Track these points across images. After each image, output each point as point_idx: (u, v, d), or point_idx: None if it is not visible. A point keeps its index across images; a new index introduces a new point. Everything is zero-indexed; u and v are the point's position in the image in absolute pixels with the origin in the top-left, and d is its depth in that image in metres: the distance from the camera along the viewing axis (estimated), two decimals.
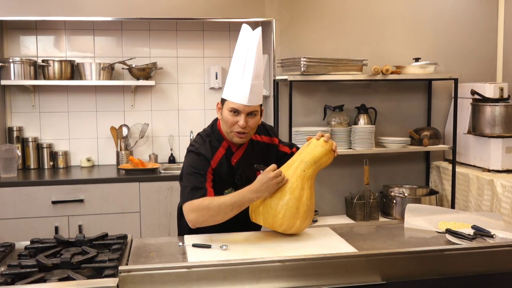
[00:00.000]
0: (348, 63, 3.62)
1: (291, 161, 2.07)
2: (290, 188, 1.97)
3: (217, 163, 2.13)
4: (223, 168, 2.15)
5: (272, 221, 1.97)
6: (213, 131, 2.21)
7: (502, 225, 2.24)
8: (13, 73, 3.65)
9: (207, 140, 2.16)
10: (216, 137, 2.19)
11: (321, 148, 2.05)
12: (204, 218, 1.97)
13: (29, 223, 3.32)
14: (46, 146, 3.86)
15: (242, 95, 2.07)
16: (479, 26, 4.13)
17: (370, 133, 3.71)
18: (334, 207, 4.01)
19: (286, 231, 2.01)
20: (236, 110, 2.08)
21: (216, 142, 2.17)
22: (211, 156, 2.12)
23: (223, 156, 2.16)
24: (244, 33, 2.13)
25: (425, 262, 1.70)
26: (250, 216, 2.07)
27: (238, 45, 2.13)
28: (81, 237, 1.98)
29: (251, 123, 2.11)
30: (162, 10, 3.67)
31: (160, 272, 1.50)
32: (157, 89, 4.05)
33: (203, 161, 2.10)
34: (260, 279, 1.56)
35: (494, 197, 3.41)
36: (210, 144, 2.15)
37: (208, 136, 2.19)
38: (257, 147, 2.27)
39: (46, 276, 1.61)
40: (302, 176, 2.00)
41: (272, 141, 2.33)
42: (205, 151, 2.12)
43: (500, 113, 3.60)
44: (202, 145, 2.14)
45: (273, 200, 1.97)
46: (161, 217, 3.50)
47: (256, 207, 2.02)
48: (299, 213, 1.97)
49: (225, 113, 2.11)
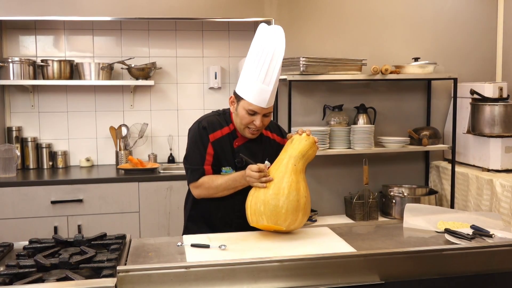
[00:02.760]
0: (348, 63, 3.62)
1: (279, 159, 2.10)
2: (287, 183, 2.00)
3: (217, 138, 2.23)
4: (224, 146, 2.24)
5: (276, 218, 1.97)
6: (225, 113, 2.32)
7: (501, 224, 2.23)
8: (12, 73, 3.65)
9: (215, 116, 2.29)
10: (226, 118, 2.29)
11: (305, 141, 2.11)
12: (205, 194, 2.22)
13: (28, 223, 3.32)
14: (46, 146, 3.85)
15: (262, 98, 2.12)
16: (479, 26, 4.13)
17: (369, 133, 3.70)
18: (334, 207, 4.01)
19: (290, 227, 2.02)
20: (254, 112, 2.15)
21: (224, 121, 2.28)
22: (212, 130, 2.23)
23: (226, 135, 2.25)
24: (266, 32, 2.13)
25: (423, 262, 1.70)
26: (250, 221, 2.05)
27: (260, 44, 2.12)
28: (80, 237, 1.97)
29: (266, 122, 2.21)
30: (161, 10, 3.67)
31: (158, 272, 1.50)
32: (156, 89, 4.04)
33: (204, 134, 2.22)
34: (259, 279, 1.56)
35: (494, 197, 3.41)
36: (217, 120, 2.26)
37: (218, 114, 2.31)
38: (266, 142, 2.33)
39: (44, 276, 1.61)
40: (294, 170, 2.04)
41: (283, 142, 2.38)
42: (207, 124, 2.24)
43: (500, 113, 3.59)
44: (206, 118, 2.28)
45: (273, 197, 1.98)
46: (160, 217, 3.50)
47: (256, 209, 2.00)
48: (300, 206, 2.00)
49: (242, 112, 2.18)
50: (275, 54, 2.09)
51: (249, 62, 2.15)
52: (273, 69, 2.10)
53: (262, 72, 2.10)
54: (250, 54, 2.15)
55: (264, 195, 1.99)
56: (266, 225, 2.01)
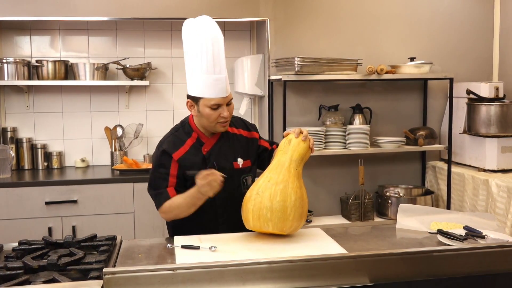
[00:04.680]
0: (343, 63, 3.61)
1: (280, 162, 2.05)
2: (292, 189, 1.97)
3: (182, 154, 2.18)
4: (193, 158, 2.19)
5: (282, 225, 1.95)
6: (183, 125, 2.28)
7: (495, 225, 2.22)
8: (7, 74, 3.63)
9: (174, 134, 2.25)
10: (186, 130, 2.25)
11: (303, 144, 2.09)
12: (172, 216, 2.20)
13: (22, 224, 3.30)
14: (40, 147, 3.84)
15: (219, 88, 2.11)
16: (475, 26, 4.12)
17: (365, 133, 3.69)
18: (329, 208, 4.00)
19: (293, 232, 2.02)
20: (218, 105, 2.12)
21: (184, 135, 2.23)
22: (174, 149, 2.18)
23: (192, 147, 2.21)
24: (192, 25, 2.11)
25: (414, 264, 1.69)
26: (252, 226, 1.99)
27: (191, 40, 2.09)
28: (70, 239, 1.97)
29: (231, 110, 2.19)
30: (156, 10, 3.66)
31: (145, 274, 1.48)
32: (151, 89, 4.03)
33: (165, 157, 2.18)
34: (247, 281, 1.55)
35: (489, 197, 3.40)
36: (177, 137, 2.22)
37: (176, 130, 2.27)
38: (234, 139, 2.29)
39: (32, 278, 1.60)
40: (296, 175, 2.02)
41: (251, 135, 2.36)
42: (167, 146, 2.19)
43: (496, 113, 3.58)
44: (166, 139, 2.24)
45: (281, 204, 1.94)
46: (155, 217, 3.48)
47: (262, 215, 1.95)
48: (304, 212, 2.00)
49: (205, 110, 2.13)
50: (214, 41, 2.07)
51: (190, 60, 2.11)
52: (218, 55, 2.08)
53: (209, 64, 2.07)
54: (188, 52, 2.12)
55: (270, 202, 1.94)
56: (270, 231, 1.98)
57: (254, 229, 2.01)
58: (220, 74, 2.09)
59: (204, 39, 2.07)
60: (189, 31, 2.11)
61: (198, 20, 2.12)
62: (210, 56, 2.07)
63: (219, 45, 2.09)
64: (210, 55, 2.07)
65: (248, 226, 2.02)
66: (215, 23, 2.11)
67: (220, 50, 2.09)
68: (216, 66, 2.09)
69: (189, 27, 2.12)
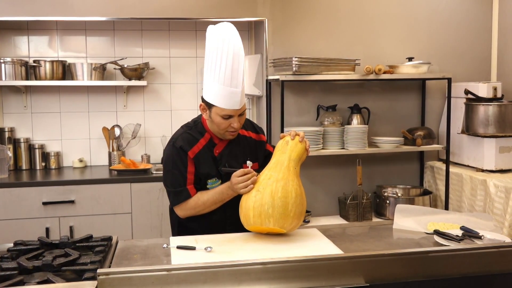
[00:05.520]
0: (341, 63, 3.60)
1: (279, 161, 2.07)
2: (292, 187, 2.00)
3: (196, 153, 2.18)
4: (206, 158, 2.20)
5: (283, 221, 1.96)
6: (196, 124, 2.27)
7: (492, 226, 2.22)
8: (5, 74, 3.63)
9: (187, 132, 2.23)
10: (199, 129, 2.25)
11: (300, 145, 2.11)
12: (191, 213, 2.20)
13: (20, 225, 3.30)
14: (38, 147, 3.84)
15: (234, 101, 2.09)
16: (473, 26, 4.11)
17: (363, 133, 3.69)
18: (327, 208, 3.99)
19: (292, 230, 2.03)
20: (230, 116, 2.12)
21: (198, 133, 2.23)
22: (189, 146, 2.18)
23: (204, 146, 2.21)
24: (216, 33, 2.08)
25: (409, 264, 1.68)
26: (252, 222, 1.99)
27: (214, 48, 2.07)
28: (65, 239, 1.96)
29: (242, 121, 2.20)
30: (154, 10, 3.65)
31: (140, 275, 1.48)
32: (149, 89, 4.03)
33: (181, 153, 2.17)
34: (242, 282, 1.54)
35: (487, 197, 3.39)
36: (190, 135, 2.21)
37: (190, 128, 2.25)
38: (244, 142, 2.31)
39: (26, 279, 1.59)
40: (295, 174, 2.05)
41: (259, 138, 2.38)
42: (183, 142, 2.18)
43: (494, 113, 3.57)
44: (179, 136, 2.22)
45: (283, 200, 1.96)
46: (152, 218, 3.48)
47: (263, 211, 1.95)
48: (303, 210, 2.02)
49: (216, 118, 2.14)
50: (235, 54, 2.05)
51: (209, 67, 2.09)
52: (237, 69, 2.06)
53: (226, 76, 2.05)
54: (208, 59, 2.10)
55: (272, 198, 1.96)
56: (271, 227, 1.98)
57: (254, 226, 2.01)
58: (236, 88, 2.07)
59: (226, 52, 2.05)
60: (213, 38, 2.08)
61: (224, 29, 2.08)
62: (229, 69, 2.05)
63: (239, 60, 2.06)
64: (229, 68, 2.05)
65: (248, 224, 2.02)
66: (239, 37, 2.08)
67: (240, 65, 2.06)
68: (234, 79, 2.06)
69: (214, 34, 2.09)
